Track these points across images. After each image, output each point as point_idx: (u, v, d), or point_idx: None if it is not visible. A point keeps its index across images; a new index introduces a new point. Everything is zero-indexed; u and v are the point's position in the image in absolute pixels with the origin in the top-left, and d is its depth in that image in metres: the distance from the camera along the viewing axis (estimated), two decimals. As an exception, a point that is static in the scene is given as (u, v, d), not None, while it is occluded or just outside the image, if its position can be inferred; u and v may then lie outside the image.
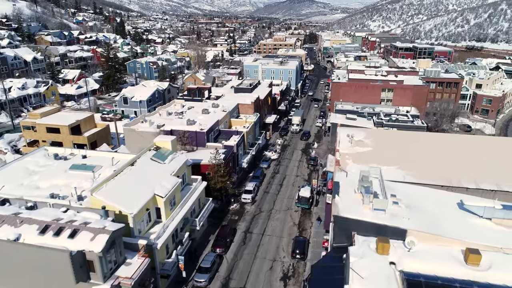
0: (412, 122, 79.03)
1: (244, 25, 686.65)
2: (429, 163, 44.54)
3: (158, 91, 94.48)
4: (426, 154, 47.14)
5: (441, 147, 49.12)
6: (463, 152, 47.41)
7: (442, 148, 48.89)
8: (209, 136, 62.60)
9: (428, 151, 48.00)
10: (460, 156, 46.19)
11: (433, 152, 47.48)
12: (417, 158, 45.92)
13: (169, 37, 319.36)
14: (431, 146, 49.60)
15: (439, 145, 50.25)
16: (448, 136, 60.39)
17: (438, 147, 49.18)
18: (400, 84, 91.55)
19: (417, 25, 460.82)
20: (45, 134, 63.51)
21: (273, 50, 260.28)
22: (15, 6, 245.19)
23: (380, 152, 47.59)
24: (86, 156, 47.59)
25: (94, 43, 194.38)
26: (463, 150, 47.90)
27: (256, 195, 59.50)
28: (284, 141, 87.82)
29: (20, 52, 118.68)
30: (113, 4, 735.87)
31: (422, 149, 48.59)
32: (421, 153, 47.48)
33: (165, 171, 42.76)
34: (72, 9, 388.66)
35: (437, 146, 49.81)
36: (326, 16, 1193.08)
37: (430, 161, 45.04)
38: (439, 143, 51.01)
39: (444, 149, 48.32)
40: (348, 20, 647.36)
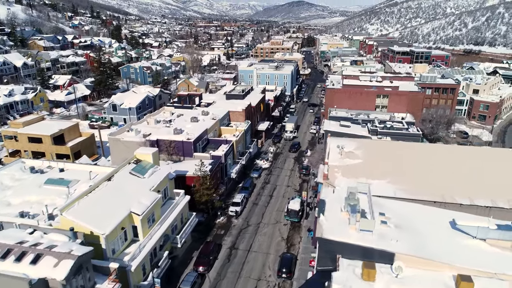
0: (407, 129, 77.25)
1: (243, 28, 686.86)
2: (422, 176, 42.57)
3: (148, 97, 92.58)
4: (419, 166, 45.18)
5: (435, 159, 47.17)
6: (457, 164, 45.45)
7: (436, 159, 46.94)
8: (196, 146, 60.62)
9: (422, 163, 46.05)
10: (455, 169, 44.22)
11: (427, 164, 45.52)
12: (410, 171, 43.98)
13: (165, 41, 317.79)
14: (424, 158, 47.65)
15: (433, 156, 48.28)
16: (442, 147, 58.51)
17: (432, 159, 47.23)
18: (395, 90, 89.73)
19: (415, 29, 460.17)
20: (27, 144, 61.59)
21: (270, 54, 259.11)
22: (9, 10, 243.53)
23: (371, 164, 45.61)
24: (63, 169, 45.52)
25: (89, 47, 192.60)
26: (458, 162, 45.94)
27: (245, 207, 57.43)
28: (277, 149, 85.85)
29: (10, 57, 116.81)
30: (112, 8, 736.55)
31: (415, 161, 46.65)
32: (414, 165, 45.53)
33: (144, 186, 40.72)
34: (69, 13, 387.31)
35: (431, 157, 47.87)
36: (325, 19, 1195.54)
37: (423, 174, 43.07)
38: (433, 154, 49.06)
39: (438, 161, 46.38)
40: (346, 23, 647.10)
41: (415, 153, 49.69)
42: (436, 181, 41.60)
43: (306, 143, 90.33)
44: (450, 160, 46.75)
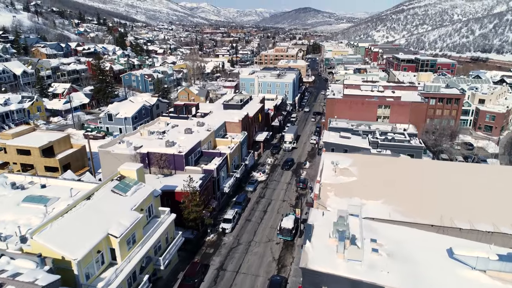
0: (409, 141, 74.72)
1: (249, 35, 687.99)
2: (420, 196, 40.14)
3: (145, 107, 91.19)
4: (417, 184, 42.75)
5: (434, 177, 44.69)
6: (458, 183, 42.91)
7: (436, 177, 44.46)
8: (188, 159, 58.74)
9: (420, 181, 43.60)
10: (455, 188, 41.69)
11: (425, 183, 43.08)
12: (407, 190, 41.56)
13: (170, 47, 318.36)
14: (423, 175, 45.19)
15: (433, 174, 45.79)
16: (442, 164, 55.82)
17: (431, 177, 44.76)
18: (397, 101, 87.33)
19: (421, 36, 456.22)
20: (15, 156, 60.24)
21: (274, 61, 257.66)
22: (14, 18, 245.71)
23: (366, 182, 43.30)
24: (45, 185, 43.80)
25: (92, 54, 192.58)
26: (458, 181, 43.41)
27: (237, 224, 55.22)
28: (275, 160, 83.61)
29: (10, 65, 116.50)
30: (119, 15, 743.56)
31: (413, 179, 44.21)
32: (411, 183, 43.11)
33: (126, 204, 38.80)
34: (76, 20, 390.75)
35: (430, 175, 45.39)
36: (331, 25, 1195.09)
37: (420, 194, 40.64)
38: (432, 172, 46.55)
39: (437, 179, 43.90)
40: (352, 30, 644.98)
41: (414, 170, 47.26)
42: (435, 201, 39.16)
43: (305, 154, 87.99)
44: (451, 178, 44.24)
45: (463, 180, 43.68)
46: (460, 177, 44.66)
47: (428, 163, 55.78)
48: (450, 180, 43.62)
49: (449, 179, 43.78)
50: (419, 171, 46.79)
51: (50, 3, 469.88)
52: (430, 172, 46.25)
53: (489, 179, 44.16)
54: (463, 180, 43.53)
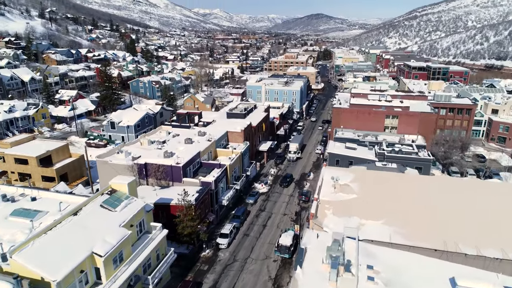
0: (417, 153, 72.08)
1: (261, 41, 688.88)
2: (423, 217, 37.84)
3: (148, 115, 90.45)
4: (421, 203, 40.41)
5: (440, 195, 42.26)
6: (466, 202, 40.42)
7: (441, 196, 42.02)
8: (186, 170, 57.33)
9: (424, 199, 41.25)
10: (462, 208, 39.24)
11: (430, 202, 40.70)
12: (410, 209, 39.28)
13: (180, 53, 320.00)
14: (428, 193, 42.80)
15: (438, 192, 43.34)
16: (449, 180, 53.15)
17: (436, 195, 42.34)
18: (406, 111, 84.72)
19: (434, 42, 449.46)
20: (13, 165, 59.69)
21: (284, 68, 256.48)
22: (28, 25, 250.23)
23: (367, 200, 41.16)
24: (35, 198, 42.80)
25: (102, 61, 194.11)
26: (466, 200, 40.90)
27: (234, 239, 53.42)
28: (278, 170, 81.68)
29: (18, 72, 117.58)
30: (133, 21, 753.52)
31: (417, 197, 41.88)
32: (415, 202, 40.77)
33: (114, 220, 37.41)
34: (89, 26, 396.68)
35: (435, 193, 42.96)
36: (343, 32, 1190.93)
37: (424, 214, 38.32)
38: (438, 189, 44.08)
39: (443, 198, 41.46)
40: (364, 36, 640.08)
41: (419, 187, 44.86)
42: (439, 223, 36.81)
43: (310, 165, 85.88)
44: (458, 196, 41.75)
45: (472, 199, 41.17)
46: (469, 195, 42.13)
47: (435, 179, 53.10)
48: (457, 199, 41.16)
49: (457, 198, 41.31)
50: (424, 188, 44.38)
51: (65, 10, 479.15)
52: (437, 190, 43.79)
53: (500, 198, 41.57)
54: (472, 199, 41.02)
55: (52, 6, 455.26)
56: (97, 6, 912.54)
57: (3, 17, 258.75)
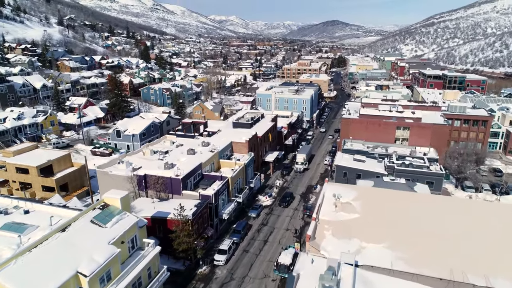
0: (428, 167, 69.11)
1: (276, 47, 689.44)
2: (429, 241, 35.25)
3: (154, 124, 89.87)
4: (427, 226, 37.78)
5: (449, 217, 39.55)
6: (477, 226, 37.61)
7: (450, 218, 39.32)
8: (186, 182, 56.03)
9: (431, 221, 38.59)
10: (473, 232, 36.47)
11: (437, 224, 38.06)
12: (414, 232, 36.74)
13: (193, 60, 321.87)
14: (436, 215, 40.10)
15: (448, 213, 40.57)
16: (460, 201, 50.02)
17: (445, 217, 39.64)
18: (417, 122, 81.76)
19: (451, 50, 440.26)
20: (15, 174, 59.50)
21: (297, 75, 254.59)
22: (45, 32, 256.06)
23: (369, 221, 38.81)
24: (28, 211, 42.02)
25: (116, 68, 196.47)
26: (477, 224, 38.10)
27: (233, 255, 51.62)
28: (284, 182, 79.66)
29: (31, 79, 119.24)
30: (149, 28, 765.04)
31: (423, 219, 39.22)
32: (420, 224, 38.15)
33: (104, 237, 36.14)
34: (106, 33, 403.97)
35: (444, 214, 40.22)
36: (359, 38, 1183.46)
37: (430, 238, 35.72)
38: (447, 211, 41.29)
39: (451, 221, 38.76)
40: (380, 43, 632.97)
41: (426, 208, 42.11)
42: (447, 248, 34.18)
43: (317, 177, 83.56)
44: (469, 220, 38.93)
45: (484, 222, 38.31)
46: (482, 218, 39.25)
47: (445, 200, 49.99)
48: (468, 222, 38.37)
49: (468, 221, 38.52)
50: (433, 209, 41.66)
51: (84, 17, 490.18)
52: (446, 211, 41.02)
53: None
54: (484, 223, 38.17)
55: (71, 13, 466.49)
56: (115, 13, 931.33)
57: (22, 25, 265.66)
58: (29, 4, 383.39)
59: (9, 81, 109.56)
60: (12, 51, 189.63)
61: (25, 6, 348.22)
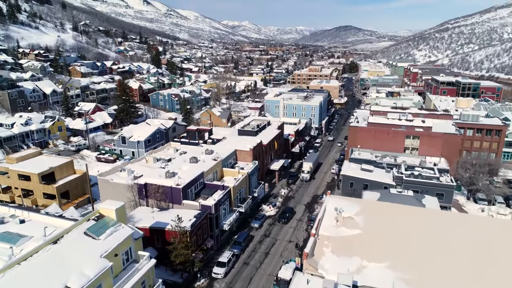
0: (438, 178, 66.76)
1: (288, 52, 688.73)
2: (434, 261, 33.41)
3: (160, 130, 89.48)
4: (433, 244, 35.89)
5: (457, 235, 37.51)
6: (487, 246, 35.52)
7: (459, 237, 37.25)
8: (187, 192, 55.04)
9: (438, 240, 36.65)
10: (482, 253, 34.46)
11: (445, 243, 36.10)
12: (419, 251, 34.92)
13: (204, 66, 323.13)
14: (444, 233, 38.06)
15: (456, 231, 38.51)
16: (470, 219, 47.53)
17: (453, 235, 37.57)
18: (428, 131, 79.33)
19: (466, 55, 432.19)
20: (17, 180, 59.45)
21: (308, 81, 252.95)
22: (59, 38, 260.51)
23: (371, 237, 37.12)
24: (24, 220, 41.53)
25: (127, 73, 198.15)
26: (488, 243, 35.98)
27: (233, 267, 50.29)
28: (290, 191, 78.11)
29: (41, 84, 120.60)
30: (162, 33, 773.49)
31: (430, 236, 37.32)
32: (427, 243, 36.27)
33: (96, 250, 35.25)
34: (119, 38, 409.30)
35: (452, 233, 38.16)
36: (372, 44, 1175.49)
37: (436, 258, 33.86)
38: (456, 229, 39.22)
39: (461, 239, 36.70)
40: (392, 48, 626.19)
41: (433, 224, 40.15)
42: (453, 270, 32.27)
43: (323, 186, 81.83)
44: (478, 239, 36.83)
45: (496, 241, 36.21)
46: (494, 236, 37.13)
47: (454, 216, 47.73)
48: (479, 240, 36.32)
49: (478, 240, 36.46)
50: (440, 225, 39.68)
51: (99, 23, 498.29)
52: (455, 228, 39.01)
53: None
54: (496, 242, 36.07)
55: (87, 19, 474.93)
56: (130, 19, 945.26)
57: (37, 31, 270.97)
58: (46, 10, 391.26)
59: (19, 86, 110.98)
60: (26, 56, 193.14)
61: (42, 12, 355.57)
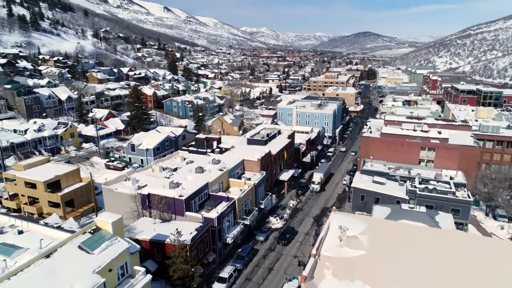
0: (454, 193, 63.63)
1: (305, 59, 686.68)
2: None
3: (169, 138, 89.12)
4: (445, 269, 33.41)
5: (472, 260, 34.81)
6: (507, 273, 32.80)
7: (474, 262, 34.57)
8: (190, 203, 53.98)
9: (450, 265, 34.08)
10: (500, 280, 31.79)
11: (458, 269, 33.53)
12: (429, 276, 32.50)
13: (220, 72, 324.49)
14: (457, 257, 35.44)
15: (471, 255, 35.79)
16: (490, 243, 44.24)
17: (468, 260, 34.90)
18: (444, 143, 76.18)
19: (489, 62, 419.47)
20: (23, 188, 59.69)
21: (323, 88, 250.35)
22: (78, 44, 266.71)
23: (376, 260, 34.88)
24: (22, 231, 41.12)
25: (143, 79, 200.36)
26: (508, 270, 33.25)
27: (234, 283, 48.70)
28: (298, 203, 76.12)
29: (57, 91, 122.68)
30: (181, 40, 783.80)
31: (442, 261, 34.78)
32: (437, 267, 33.81)
33: (89, 265, 34.39)
34: (138, 45, 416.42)
35: (467, 257, 35.47)
36: (391, 50, 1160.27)
37: (448, 284, 31.41)
38: (472, 253, 36.47)
39: (476, 265, 34.04)
40: (412, 55, 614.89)
41: (445, 246, 37.53)
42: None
43: (334, 198, 79.53)
44: (496, 265, 34.09)
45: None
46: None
47: (471, 239, 44.52)
48: (495, 268, 33.58)
49: (495, 267, 33.72)
50: (453, 248, 37.07)
51: (119, 29, 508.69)
52: (470, 252, 36.23)
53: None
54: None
55: (108, 26, 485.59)
56: (150, 25, 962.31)
57: (59, 37, 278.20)
58: (69, 18, 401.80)
59: (35, 92, 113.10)
60: (45, 63, 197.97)
61: (65, 20, 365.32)
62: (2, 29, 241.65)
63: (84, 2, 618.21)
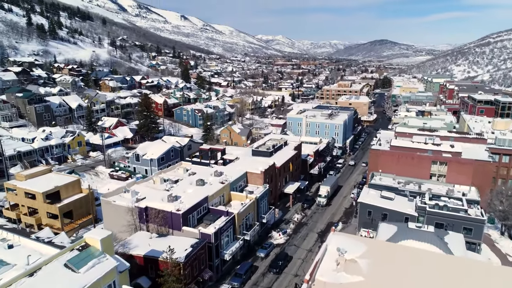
0: (466, 211, 60.46)
1: (320, 66, 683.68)
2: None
3: (174, 148, 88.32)
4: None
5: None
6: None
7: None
8: (187, 218, 52.57)
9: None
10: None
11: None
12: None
13: (233, 80, 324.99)
14: (461, 285, 32.87)
15: (479, 285, 33.15)
16: (504, 272, 41.10)
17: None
18: (456, 157, 72.92)
19: (509, 71, 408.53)
20: (23, 198, 59.44)
21: (337, 96, 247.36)
22: (93, 53, 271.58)
23: (375, 287, 32.60)
24: (13, 245, 40.41)
25: (155, 87, 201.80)
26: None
27: (230, 303, 46.82)
28: (303, 217, 73.85)
29: (67, 99, 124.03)
30: (197, 48, 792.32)
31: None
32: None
33: (74, 285, 33.16)
34: (153, 53, 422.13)
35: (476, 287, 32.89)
36: (408, 58, 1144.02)
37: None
38: (481, 283, 33.79)
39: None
40: (429, 63, 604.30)
41: (453, 276, 34.79)
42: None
43: (340, 212, 76.96)
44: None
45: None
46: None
47: (482, 267, 41.23)
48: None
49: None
50: (460, 279, 34.37)
51: (136, 38, 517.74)
52: (480, 283, 33.54)
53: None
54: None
55: (125, 34, 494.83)
56: (167, 33, 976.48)
57: (75, 46, 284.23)
58: (87, 27, 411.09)
59: (46, 101, 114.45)
60: (60, 71, 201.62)
61: (83, 28, 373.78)
62: (20, 38, 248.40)
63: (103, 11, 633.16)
